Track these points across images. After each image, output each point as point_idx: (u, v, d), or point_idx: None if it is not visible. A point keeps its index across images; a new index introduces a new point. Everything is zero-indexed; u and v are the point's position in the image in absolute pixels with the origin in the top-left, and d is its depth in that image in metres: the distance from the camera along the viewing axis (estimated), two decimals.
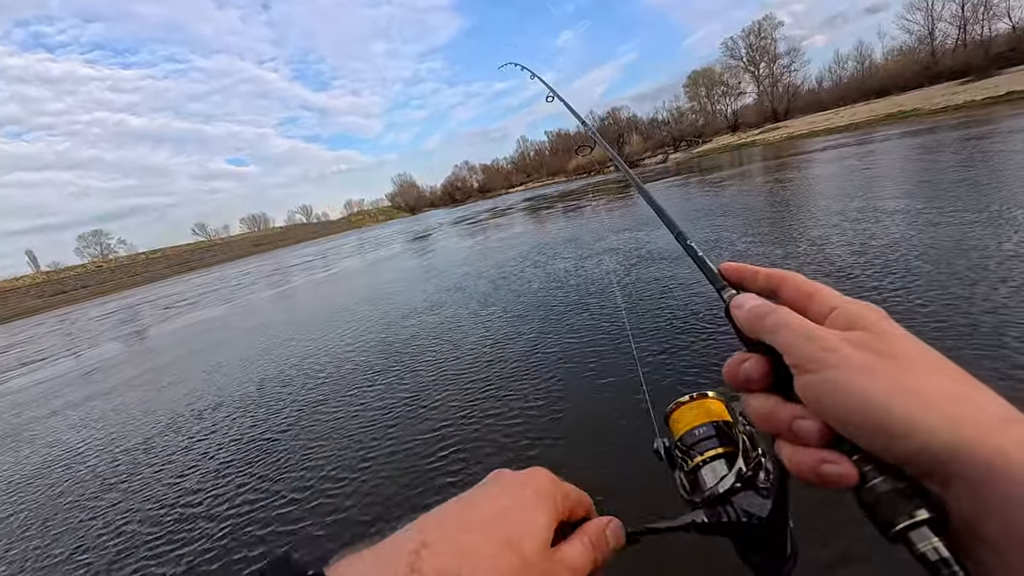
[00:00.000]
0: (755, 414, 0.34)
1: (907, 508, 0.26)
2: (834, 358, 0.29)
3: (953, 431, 0.25)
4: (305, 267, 22.69)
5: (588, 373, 3.58)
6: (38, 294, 70.16)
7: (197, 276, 48.23)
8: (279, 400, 4.60)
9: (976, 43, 45.49)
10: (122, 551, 2.84)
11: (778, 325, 0.32)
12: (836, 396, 0.28)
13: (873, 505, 0.27)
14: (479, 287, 7.59)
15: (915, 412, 0.26)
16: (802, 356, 0.30)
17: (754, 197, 10.68)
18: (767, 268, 0.38)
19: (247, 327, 9.50)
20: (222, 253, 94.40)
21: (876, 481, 0.27)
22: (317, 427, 3.78)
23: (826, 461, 0.29)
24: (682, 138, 68.12)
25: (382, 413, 3.73)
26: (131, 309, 24.09)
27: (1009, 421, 0.25)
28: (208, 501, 3.11)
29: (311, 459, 3.30)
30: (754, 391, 0.35)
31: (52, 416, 6.35)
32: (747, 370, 0.34)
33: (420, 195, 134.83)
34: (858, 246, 5.07)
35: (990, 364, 2.58)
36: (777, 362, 0.32)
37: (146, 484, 3.58)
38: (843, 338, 0.30)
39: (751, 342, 0.35)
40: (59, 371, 10.09)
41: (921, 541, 0.25)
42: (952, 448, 0.24)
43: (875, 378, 0.27)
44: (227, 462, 3.59)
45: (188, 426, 4.57)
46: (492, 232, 17.06)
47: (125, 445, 4.50)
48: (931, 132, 15.96)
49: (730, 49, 68.68)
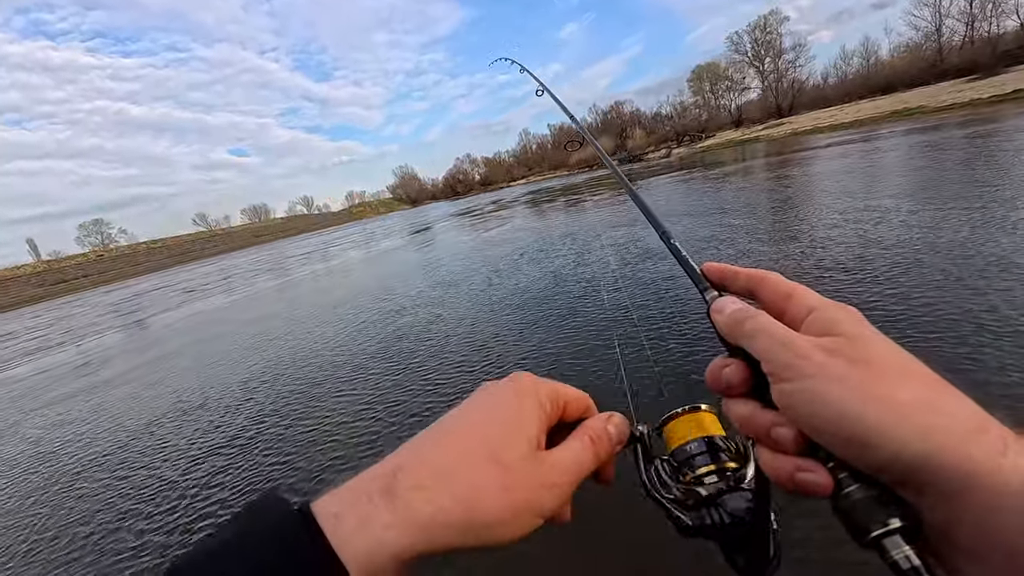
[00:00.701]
0: (735, 419, 0.34)
1: (880, 516, 0.26)
2: (809, 366, 0.29)
3: (924, 441, 0.25)
4: (315, 257, 22.69)
5: (570, 357, 3.64)
6: (39, 283, 70.23)
7: (200, 266, 48.25)
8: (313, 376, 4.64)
9: (983, 40, 45.02)
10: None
11: (756, 331, 0.32)
12: (810, 405, 0.28)
13: (848, 512, 0.27)
14: (482, 278, 7.61)
15: (887, 422, 0.26)
16: (778, 364, 0.30)
17: (755, 194, 10.64)
18: (748, 268, 0.38)
19: (273, 312, 9.54)
20: (223, 244, 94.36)
21: (851, 489, 0.27)
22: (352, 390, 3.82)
23: (801, 469, 0.29)
24: (685, 133, 67.70)
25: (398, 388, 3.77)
26: (145, 296, 24.13)
27: (980, 429, 0.25)
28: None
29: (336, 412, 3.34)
30: (734, 396, 0.34)
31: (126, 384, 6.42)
32: (727, 376, 0.34)
33: (421, 187, 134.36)
34: (858, 248, 5.06)
35: (982, 370, 2.60)
36: (756, 368, 0.32)
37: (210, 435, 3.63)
38: (817, 345, 0.30)
39: (731, 347, 0.35)
40: (119, 346, 10.16)
41: (894, 549, 0.25)
42: (923, 458, 0.25)
43: (848, 387, 0.27)
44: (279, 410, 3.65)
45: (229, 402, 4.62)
46: (493, 224, 17.04)
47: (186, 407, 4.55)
48: (936, 130, 15.87)
49: (735, 44, 68.16)
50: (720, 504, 0.36)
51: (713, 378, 0.35)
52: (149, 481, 3.50)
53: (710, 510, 0.36)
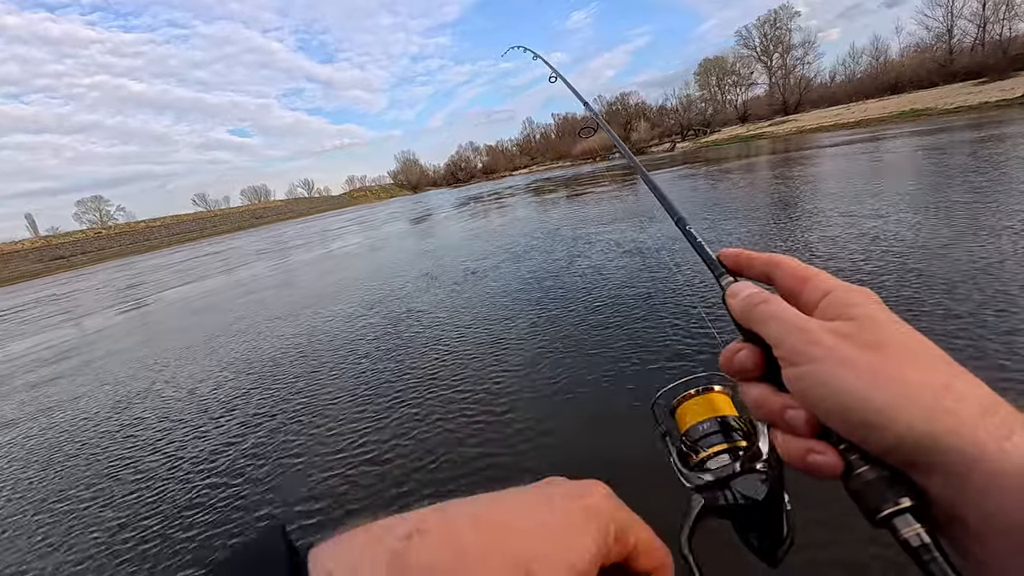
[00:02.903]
0: (749, 403, 0.35)
1: (891, 496, 0.26)
2: (819, 351, 0.29)
3: (931, 423, 0.25)
4: (326, 240, 22.58)
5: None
6: (37, 258, 69.95)
7: (204, 246, 48.01)
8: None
9: (995, 43, 44.55)
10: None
11: (767, 316, 0.33)
12: (819, 389, 0.29)
13: (859, 493, 0.28)
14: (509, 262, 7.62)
15: (894, 404, 0.26)
16: (789, 348, 0.31)
17: (757, 192, 10.62)
18: (764, 253, 0.38)
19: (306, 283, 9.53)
20: (223, 224, 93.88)
21: (862, 470, 0.28)
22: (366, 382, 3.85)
23: (813, 451, 0.30)
24: (690, 127, 67.28)
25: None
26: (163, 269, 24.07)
27: (988, 412, 0.25)
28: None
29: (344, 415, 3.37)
30: (748, 380, 0.35)
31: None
32: (741, 360, 0.35)
33: (423, 173, 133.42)
34: (860, 251, 5.07)
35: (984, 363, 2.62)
36: (769, 352, 0.33)
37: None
38: (829, 329, 0.30)
39: (746, 331, 0.35)
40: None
41: (904, 527, 0.26)
42: (930, 440, 0.25)
43: (856, 371, 0.28)
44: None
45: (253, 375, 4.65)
46: (495, 215, 16.98)
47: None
48: (942, 132, 15.80)
49: (744, 38, 67.45)
50: (734, 485, 0.37)
51: (727, 362, 0.36)
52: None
53: (724, 491, 0.37)
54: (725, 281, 0.39)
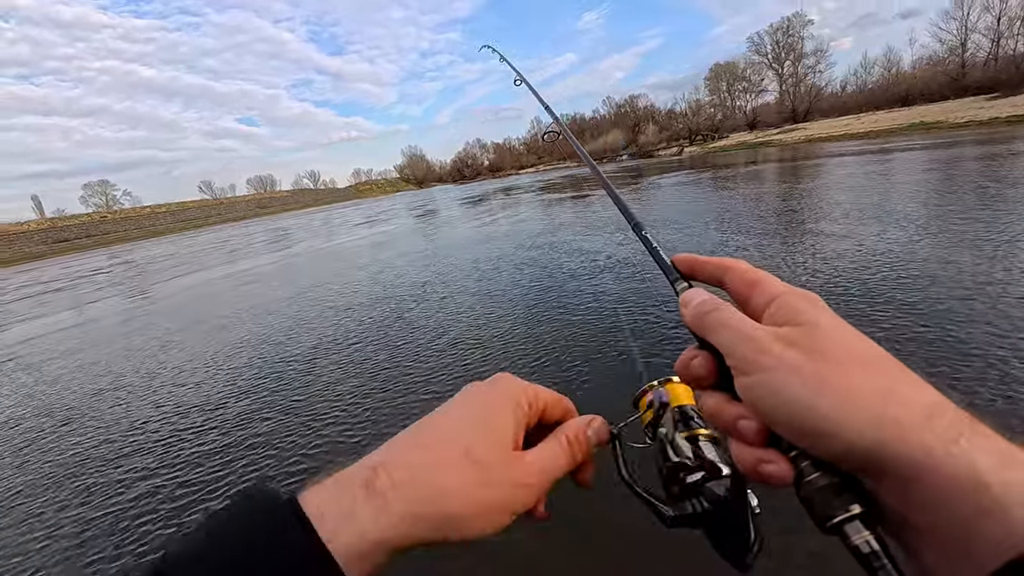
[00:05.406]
0: (706, 414, 0.34)
1: (841, 503, 0.26)
2: (768, 360, 0.29)
3: (877, 429, 0.25)
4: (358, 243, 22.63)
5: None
6: (41, 240, 70.25)
7: (212, 232, 48.13)
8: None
9: (1008, 59, 44.31)
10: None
11: (718, 324, 0.33)
12: (770, 399, 0.29)
13: (810, 500, 0.28)
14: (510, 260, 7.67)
15: (841, 412, 0.26)
16: (739, 358, 0.31)
17: (762, 202, 10.63)
18: (715, 258, 0.38)
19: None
20: (228, 213, 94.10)
21: (812, 476, 0.28)
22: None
23: (763, 460, 0.30)
24: (698, 132, 67.17)
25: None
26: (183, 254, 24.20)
27: (933, 415, 0.25)
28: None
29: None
30: (704, 388, 0.35)
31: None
32: (695, 367, 0.34)
33: (429, 169, 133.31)
34: (860, 266, 5.11)
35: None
36: (722, 361, 0.33)
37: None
38: (777, 336, 0.30)
39: (700, 338, 0.35)
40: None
41: (854, 534, 0.26)
42: (877, 446, 0.25)
43: (803, 378, 0.27)
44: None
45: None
46: (501, 214, 17.02)
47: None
48: (951, 147, 15.77)
49: (756, 44, 67.25)
50: (700, 492, 0.36)
51: (683, 369, 0.36)
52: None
53: (691, 499, 0.37)
54: (680, 287, 0.39)
